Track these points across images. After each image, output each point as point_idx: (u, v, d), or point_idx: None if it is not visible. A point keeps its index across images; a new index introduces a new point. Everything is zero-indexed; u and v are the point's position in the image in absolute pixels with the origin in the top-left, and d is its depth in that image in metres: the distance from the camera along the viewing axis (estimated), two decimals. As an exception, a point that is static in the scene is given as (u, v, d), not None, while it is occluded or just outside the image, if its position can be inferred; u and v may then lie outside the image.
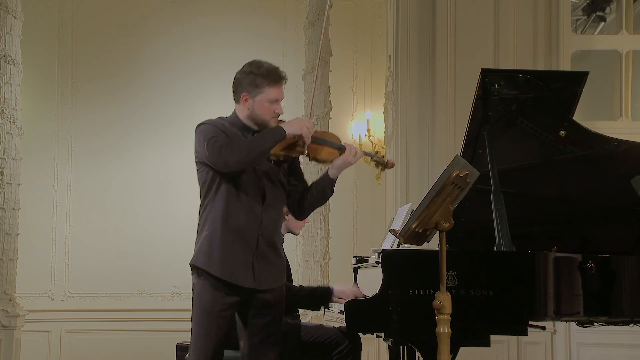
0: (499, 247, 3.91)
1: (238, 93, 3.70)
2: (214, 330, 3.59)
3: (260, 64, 3.67)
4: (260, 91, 3.64)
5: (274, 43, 8.36)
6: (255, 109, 3.66)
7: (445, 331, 3.45)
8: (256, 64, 3.67)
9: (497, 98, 4.17)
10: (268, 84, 3.64)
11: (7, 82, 6.72)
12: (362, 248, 7.67)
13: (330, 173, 3.76)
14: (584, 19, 7.67)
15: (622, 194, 4.37)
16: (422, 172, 6.44)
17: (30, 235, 7.75)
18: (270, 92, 3.64)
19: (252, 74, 3.65)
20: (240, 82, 3.68)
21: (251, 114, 3.68)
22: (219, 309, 3.59)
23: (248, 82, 3.65)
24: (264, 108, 3.65)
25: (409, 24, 6.59)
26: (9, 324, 6.56)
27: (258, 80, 3.63)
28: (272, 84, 3.64)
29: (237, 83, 3.71)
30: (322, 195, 3.80)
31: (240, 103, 3.70)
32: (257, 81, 3.63)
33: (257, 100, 3.65)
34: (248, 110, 3.68)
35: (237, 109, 3.73)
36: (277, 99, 3.66)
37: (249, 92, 3.65)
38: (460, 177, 3.47)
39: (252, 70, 3.66)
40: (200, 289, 3.62)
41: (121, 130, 8.28)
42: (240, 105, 3.71)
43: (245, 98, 3.66)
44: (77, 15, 8.35)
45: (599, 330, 4.56)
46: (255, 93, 3.64)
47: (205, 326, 3.60)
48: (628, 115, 6.86)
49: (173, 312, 7.92)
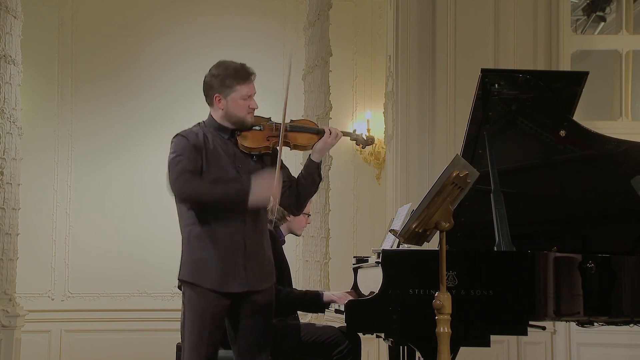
0: (499, 247, 3.90)
1: (210, 96, 3.73)
2: (207, 334, 3.59)
3: (226, 65, 3.71)
4: (232, 90, 3.67)
5: (274, 43, 8.36)
6: (229, 108, 3.69)
7: (445, 331, 3.45)
8: (223, 65, 3.71)
9: (497, 98, 4.17)
10: (238, 82, 3.68)
11: (7, 82, 6.72)
12: (362, 248, 7.66)
13: (313, 157, 3.78)
14: (584, 19, 7.67)
15: (622, 194, 4.37)
16: (422, 172, 6.44)
17: (30, 235, 7.74)
18: (241, 89, 3.68)
19: (220, 76, 3.69)
20: (211, 85, 3.72)
21: (226, 114, 3.70)
22: (210, 313, 3.59)
23: (218, 83, 3.69)
24: (239, 106, 3.68)
25: (409, 24, 6.59)
26: (9, 324, 6.56)
27: (227, 80, 3.67)
28: (241, 82, 3.68)
29: (207, 87, 3.74)
30: (312, 181, 3.79)
31: (214, 105, 3.73)
32: (227, 82, 3.67)
33: (230, 100, 3.68)
34: (222, 110, 3.70)
35: (212, 111, 3.76)
36: (249, 94, 3.70)
37: (220, 92, 3.69)
38: (460, 177, 3.47)
39: (219, 72, 3.70)
40: (190, 294, 3.62)
41: (121, 130, 8.28)
42: (214, 108, 3.74)
43: (219, 99, 3.70)
44: (77, 15, 8.35)
45: (599, 330, 4.55)
46: (227, 93, 3.68)
47: (197, 331, 3.59)
48: (628, 115, 6.86)
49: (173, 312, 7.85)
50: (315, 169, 3.78)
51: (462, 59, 6.47)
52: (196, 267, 3.60)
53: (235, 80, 3.67)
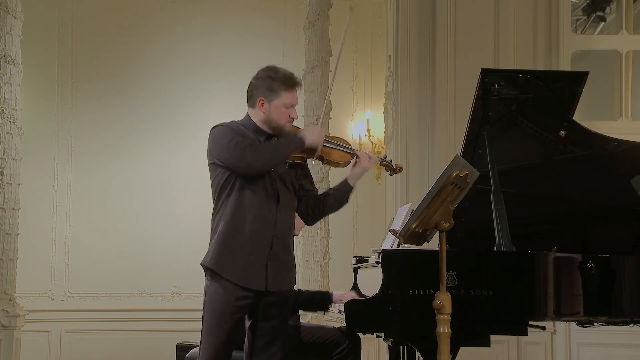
0: (499, 247, 3.90)
1: (254, 98, 3.72)
2: (225, 331, 3.61)
3: (276, 70, 3.72)
4: (277, 96, 3.68)
5: (274, 43, 8.36)
6: (271, 113, 3.69)
7: (445, 331, 3.45)
8: (273, 69, 3.72)
9: (497, 98, 4.17)
10: (285, 89, 3.68)
11: (7, 82, 6.72)
12: (362, 248, 7.67)
13: (350, 181, 3.85)
14: (584, 19, 7.67)
15: (622, 194, 4.37)
16: (422, 172, 6.44)
17: (30, 235, 7.75)
18: (286, 97, 3.69)
19: (269, 79, 3.69)
20: (257, 87, 3.71)
21: (267, 119, 3.70)
22: (231, 311, 3.61)
23: (265, 86, 3.69)
24: (280, 112, 3.69)
25: (409, 24, 6.59)
26: (9, 324, 6.56)
27: (275, 85, 3.68)
28: (288, 89, 3.69)
29: (252, 88, 3.73)
30: (339, 203, 3.87)
31: (255, 107, 3.72)
32: (274, 86, 3.68)
33: (274, 105, 3.68)
34: (264, 114, 3.70)
35: (251, 113, 3.75)
36: (292, 103, 3.71)
37: (265, 96, 3.68)
38: (460, 177, 3.47)
39: (269, 75, 3.70)
40: (213, 291, 3.63)
41: (121, 130, 8.28)
42: (255, 110, 3.72)
43: (262, 103, 3.69)
44: (77, 15, 8.35)
45: (599, 330, 4.55)
46: (271, 98, 3.68)
47: (216, 328, 3.61)
48: (628, 115, 6.86)
49: (173, 312, 7.93)
50: (347, 192, 3.85)
51: (462, 59, 6.47)
52: (221, 257, 3.61)
53: (283, 87, 3.68)
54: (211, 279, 3.65)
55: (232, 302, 3.60)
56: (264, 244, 3.63)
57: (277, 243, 3.66)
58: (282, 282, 3.71)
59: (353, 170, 3.84)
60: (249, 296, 3.62)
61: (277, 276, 3.67)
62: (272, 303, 3.68)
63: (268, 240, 3.63)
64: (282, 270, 3.70)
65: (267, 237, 3.63)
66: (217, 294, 3.62)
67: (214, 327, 3.62)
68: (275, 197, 3.66)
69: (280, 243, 3.67)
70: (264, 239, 3.63)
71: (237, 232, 3.61)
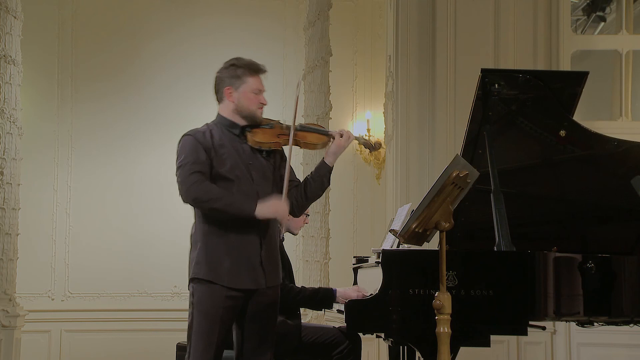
0: (499, 247, 3.90)
1: (221, 90, 3.74)
2: (215, 335, 3.59)
3: (238, 58, 3.76)
4: (243, 82, 3.70)
5: (274, 43, 8.36)
6: (240, 100, 3.70)
7: (445, 331, 3.45)
8: (235, 59, 3.76)
9: (497, 98, 4.17)
10: (250, 74, 3.71)
11: (7, 82, 6.72)
12: (362, 248, 7.67)
13: (327, 160, 3.79)
14: (584, 19, 7.67)
15: (622, 194, 4.37)
16: (422, 172, 6.44)
17: (30, 235, 7.75)
18: (252, 82, 3.71)
19: (232, 67, 3.72)
20: (221, 78, 3.74)
21: (237, 107, 3.71)
22: (221, 314, 3.59)
23: (229, 75, 3.72)
24: (249, 99, 3.70)
25: (409, 24, 6.59)
26: (9, 324, 6.56)
27: (239, 71, 3.70)
28: (253, 74, 3.71)
29: (218, 81, 3.76)
30: (320, 185, 3.79)
31: (224, 99, 3.73)
32: (238, 72, 3.70)
33: (241, 92, 3.70)
34: (233, 104, 3.71)
35: (221, 108, 3.76)
36: (259, 89, 3.73)
37: (231, 84, 3.71)
38: (460, 177, 3.47)
39: (232, 63, 3.74)
40: (201, 294, 3.61)
41: (121, 130, 8.28)
42: (224, 103, 3.74)
43: (230, 92, 3.71)
44: (77, 15, 8.36)
45: (599, 330, 4.55)
46: (238, 85, 3.70)
47: (205, 331, 3.59)
48: (628, 115, 6.85)
49: (173, 312, 7.92)
50: (327, 173, 3.78)
51: (462, 59, 6.47)
52: (213, 264, 3.60)
53: (247, 72, 3.71)
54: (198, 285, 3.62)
55: (221, 304, 3.58)
56: (253, 243, 3.62)
57: (265, 242, 3.66)
58: (276, 276, 3.70)
59: (329, 149, 3.78)
60: (237, 296, 3.61)
61: (273, 271, 3.68)
62: (260, 302, 3.67)
63: (256, 239, 3.63)
64: (273, 266, 3.71)
65: (254, 237, 3.63)
66: (205, 297, 3.60)
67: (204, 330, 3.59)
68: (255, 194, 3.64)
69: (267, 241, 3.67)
70: (253, 239, 3.62)
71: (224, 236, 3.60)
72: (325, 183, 3.79)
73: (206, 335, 3.59)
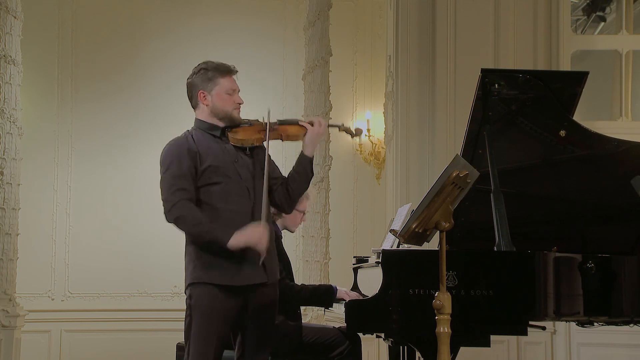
0: (499, 247, 3.90)
1: (195, 95, 3.73)
2: (214, 336, 3.58)
3: (207, 62, 3.75)
4: (215, 84, 3.69)
5: (274, 43, 8.36)
6: (214, 102, 3.69)
7: (445, 331, 3.45)
8: (204, 63, 3.75)
9: (497, 98, 4.17)
10: (221, 76, 3.70)
11: (7, 82, 6.72)
12: (362, 248, 7.66)
13: (305, 152, 3.78)
14: (584, 19, 7.67)
15: (622, 194, 4.36)
16: (422, 172, 6.44)
17: (30, 235, 7.75)
18: (224, 82, 3.70)
19: (202, 70, 3.71)
20: (194, 84, 3.73)
21: (212, 110, 3.70)
22: (218, 314, 3.58)
23: (201, 79, 3.70)
24: (224, 100, 3.69)
25: (409, 24, 6.59)
26: (9, 324, 6.56)
27: (209, 74, 3.70)
28: (224, 75, 3.70)
29: (190, 87, 3.75)
30: (305, 177, 3.79)
31: (199, 103, 3.72)
32: (209, 75, 3.69)
33: (215, 94, 3.69)
34: (208, 107, 3.71)
35: (198, 113, 3.75)
36: (233, 89, 3.71)
37: (204, 88, 3.70)
38: (460, 177, 3.47)
39: (201, 67, 3.73)
40: (198, 297, 3.60)
41: (121, 130, 8.28)
42: (200, 107, 3.73)
43: (203, 95, 3.70)
44: (77, 15, 8.35)
45: (599, 330, 4.55)
46: (210, 87, 3.69)
47: (205, 333, 3.57)
48: (628, 115, 6.85)
49: (173, 312, 7.90)
50: (308, 164, 3.77)
51: (462, 59, 6.47)
52: (209, 266, 3.58)
53: (218, 73, 3.69)
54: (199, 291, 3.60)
55: (220, 305, 3.57)
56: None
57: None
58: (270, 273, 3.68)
59: (306, 139, 3.76)
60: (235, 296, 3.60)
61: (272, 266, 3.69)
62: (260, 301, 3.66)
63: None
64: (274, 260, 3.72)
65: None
66: (204, 298, 3.58)
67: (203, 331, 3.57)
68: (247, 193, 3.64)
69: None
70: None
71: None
72: (310, 174, 3.80)
73: (205, 336, 3.57)
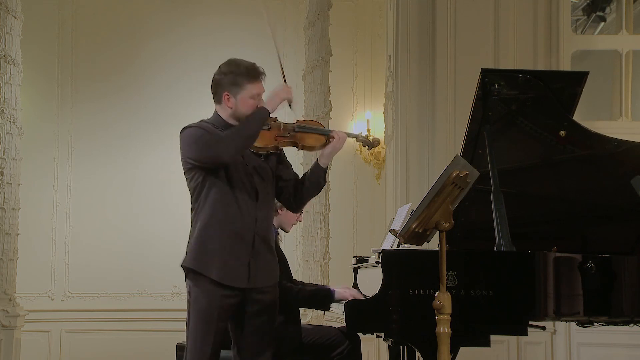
0: (499, 247, 3.90)
1: (219, 94, 3.72)
2: (212, 334, 3.59)
3: (237, 63, 3.71)
4: (242, 89, 3.67)
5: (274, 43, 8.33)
6: (238, 107, 3.69)
7: (445, 331, 3.45)
8: (234, 64, 3.71)
9: (497, 98, 4.17)
10: (248, 81, 3.68)
11: (7, 82, 6.72)
12: (362, 248, 7.66)
13: (321, 162, 3.81)
14: (584, 19, 7.67)
15: (622, 194, 4.36)
16: (422, 172, 6.44)
17: (30, 235, 7.75)
18: (251, 88, 3.68)
19: (231, 74, 3.68)
20: (220, 82, 3.71)
21: (234, 112, 3.70)
22: (217, 312, 3.59)
23: (228, 82, 3.69)
24: (247, 104, 3.69)
25: (409, 24, 6.59)
26: (9, 324, 6.56)
27: (238, 79, 3.67)
28: (252, 81, 3.69)
29: (216, 84, 3.73)
30: (317, 186, 3.83)
31: (222, 103, 3.72)
32: (237, 80, 3.67)
33: (240, 98, 3.68)
34: (231, 109, 3.70)
35: (219, 109, 3.75)
36: (258, 93, 3.71)
37: (230, 91, 3.69)
38: (460, 177, 3.47)
39: (231, 70, 3.69)
40: (197, 294, 3.61)
41: (121, 130, 8.28)
42: (222, 105, 3.73)
43: (228, 97, 3.69)
44: (77, 15, 8.35)
45: (599, 330, 4.55)
46: (236, 91, 3.68)
47: (202, 330, 3.59)
48: (628, 115, 6.85)
49: (173, 312, 7.91)
50: (322, 174, 3.82)
51: (462, 59, 6.47)
52: (202, 256, 3.60)
53: (246, 79, 3.67)
54: (193, 281, 3.62)
55: (217, 303, 3.58)
56: (246, 241, 3.62)
57: (259, 240, 3.66)
58: (265, 278, 3.69)
59: (323, 151, 3.80)
60: (233, 295, 3.61)
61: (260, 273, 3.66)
62: (257, 300, 3.66)
63: (250, 237, 3.63)
64: (264, 267, 3.70)
65: (249, 235, 3.63)
66: (201, 296, 3.59)
67: (200, 329, 3.59)
68: (254, 193, 3.66)
69: (261, 239, 3.67)
70: (246, 236, 3.62)
71: (218, 231, 3.60)
72: (322, 182, 3.84)
73: (202, 334, 3.59)
